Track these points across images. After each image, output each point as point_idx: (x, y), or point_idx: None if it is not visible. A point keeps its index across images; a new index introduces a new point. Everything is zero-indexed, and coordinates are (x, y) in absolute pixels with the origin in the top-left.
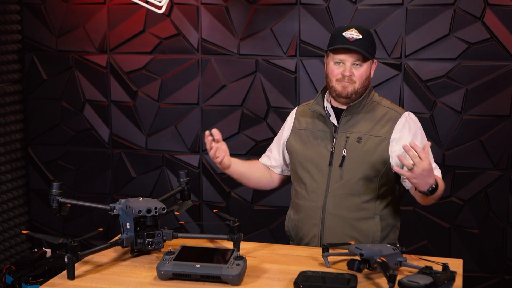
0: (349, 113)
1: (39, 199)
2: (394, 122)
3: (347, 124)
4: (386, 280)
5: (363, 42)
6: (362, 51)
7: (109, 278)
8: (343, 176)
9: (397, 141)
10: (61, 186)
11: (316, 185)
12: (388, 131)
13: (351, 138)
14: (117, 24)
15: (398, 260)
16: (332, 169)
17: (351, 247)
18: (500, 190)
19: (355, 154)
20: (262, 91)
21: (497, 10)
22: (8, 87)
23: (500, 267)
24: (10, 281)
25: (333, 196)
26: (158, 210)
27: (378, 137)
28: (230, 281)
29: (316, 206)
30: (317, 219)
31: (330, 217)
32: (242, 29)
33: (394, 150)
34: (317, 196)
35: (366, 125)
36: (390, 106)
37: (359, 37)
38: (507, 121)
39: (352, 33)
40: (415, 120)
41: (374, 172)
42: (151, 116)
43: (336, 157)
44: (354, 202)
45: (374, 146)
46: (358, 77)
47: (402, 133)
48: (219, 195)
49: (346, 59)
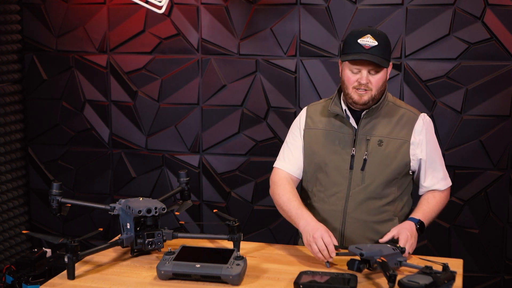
0: (369, 115)
1: (39, 199)
2: (413, 124)
3: (366, 127)
4: (386, 280)
5: (379, 49)
6: (379, 59)
7: (109, 278)
8: (365, 180)
9: (417, 145)
10: (61, 186)
11: (336, 189)
12: (407, 133)
13: (372, 141)
14: (117, 24)
15: (398, 260)
16: (353, 172)
17: (351, 247)
18: (500, 190)
19: (377, 158)
20: (262, 91)
21: (497, 10)
22: (8, 87)
23: (500, 267)
24: (10, 281)
25: (354, 200)
26: (158, 210)
27: (399, 140)
28: (230, 281)
29: (336, 210)
30: (337, 223)
31: (351, 221)
32: (242, 29)
33: (414, 153)
34: (337, 199)
35: (385, 128)
36: (406, 107)
37: (375, 44)
38: (507, 121)
39: (368, 40)
40: (430, 122)
41: (395, 175)
42: (151, 116)
43: (358, 160)
44: (375, 205)
45: (396, 149)
46: (375, 84)
47: (420, 136)
48: (219, 195)
49: (362, 68)
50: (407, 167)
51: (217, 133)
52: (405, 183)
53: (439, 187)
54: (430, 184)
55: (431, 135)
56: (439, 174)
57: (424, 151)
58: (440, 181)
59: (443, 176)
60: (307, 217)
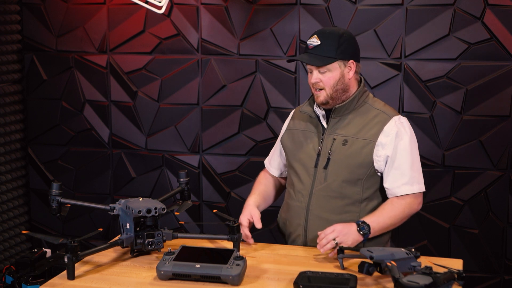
0: (337, 115)
1: (39, 199)
2: (383, 125)
3: (335, 126)
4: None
5: (321, 48)
6: (317, 58)
7: (109, 278)
8: (327, 178)
9: (383, 146)
10: (61, 186)
11: (302, 186)
12: (375, 134)
13: (337, 141)
14: (117, 24)
15: (412, 265)
16: (317, 170)
17: (362, 250)
18: (500, 190)
19: (340, 157)
20: (262, 91)
21: (497, 10)
22: (8, 87)
23: (500, 267)
24: (10, 281)
25: (317, 198)
26: (158, 210)
27: (364, 140)
28: (230, 281)
29: (301, 207)
30: (301, 219)
31: (313, 218)
32: (242, 29)
33: (379, 155)
34: (302, 196)
35: (355, 128)
36: (382, 109)
37: (317, 44)
38: (507, 121)
39: (313, 40)
40: (406, 125)
41: (358, 175)
42: (151, 116)
43: (322, 158)
44: (337, 204)
45: (359, 149)
46: (326, 83)
47: (388, 138)
48: (219, 195)
49: (312, 67)
50: (371, 168)
51: (217, 133)
52: (373, 185)
53: (399, 192)
54: (390, 186)
55: (403, 138)
56: (403, 178)
57: (390, 152)
58: (402, 185)
59: (408, 181)
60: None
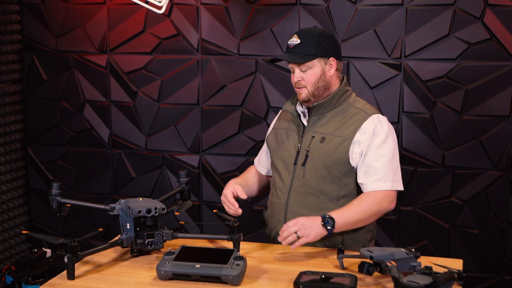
0: (316, 113)
1: (39, 199)
2: (360, 123)
3: (315, 124)
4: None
5: (300, 46)
6: (296, 56)
7: (109, 278)
8: (305, 175)
9: (359, 143)
10: (61, 186)
11: (282, 183)
12: (352, 132)
13: (315, 138)
14: (117, 24)
15: (412, 265)
16: (296, 167)
17: (362, 250)
18: (500, 190)
19: (316, 154)
20: (262, 91)
21: (497, 10)
22: (8, 87)
23: (500, 267)
24: (10, 281)
25: (295, 194)
26: (158, 210)
27: (341, 138)
28: (230, 281)
29: (280, 203)
30: (281, 215)
31: (292, 214)
32: (242, 29)
33: (355, 152)
34: (282, 193)
35: (333, 126)
36: (362, 108)
37: (297, 43)
38: (507, 121)
39: (293, 39)
40: (384, 123)
41: (335, 172)
42: (151, 116)
43: (301, 156)
44: (315, 201)
45: (335, 146)
46: (307, 81)
47: (365, 136)
48: (219, 195)
49: (294, 66)
50: (347, 165)
51: (217, 133)
52: (351, 183)
53: (371, 188)
54: (363, 181)
55: (379, 135)
56: (376, 174)
57: (365, 148)
58: (374, 181)
59: (380, 177)
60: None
